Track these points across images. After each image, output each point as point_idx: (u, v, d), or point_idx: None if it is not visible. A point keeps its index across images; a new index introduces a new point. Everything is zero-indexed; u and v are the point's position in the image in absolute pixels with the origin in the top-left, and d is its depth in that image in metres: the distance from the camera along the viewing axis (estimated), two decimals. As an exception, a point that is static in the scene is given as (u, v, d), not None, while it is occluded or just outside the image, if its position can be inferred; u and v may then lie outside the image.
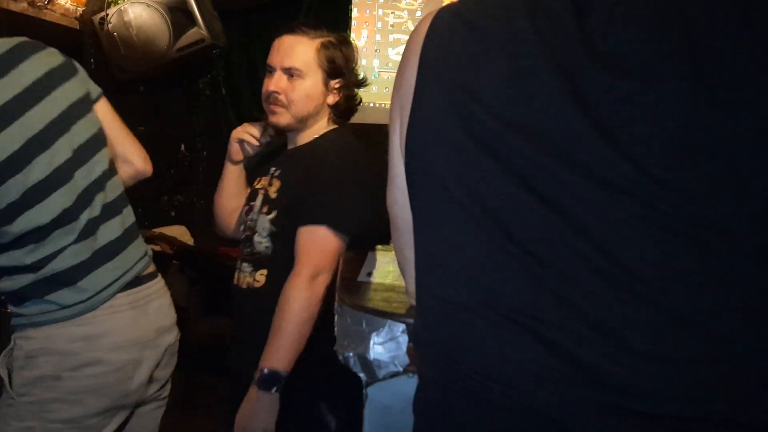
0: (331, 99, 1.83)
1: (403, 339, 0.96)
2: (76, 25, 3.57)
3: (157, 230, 3.67)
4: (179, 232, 3.94)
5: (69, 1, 3.48)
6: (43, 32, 3.34)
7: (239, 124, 6.01)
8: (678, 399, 0.66)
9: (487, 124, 0.72)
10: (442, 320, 0.77)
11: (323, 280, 1.61)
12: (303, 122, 1.83)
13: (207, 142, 5.04)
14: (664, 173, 0.65)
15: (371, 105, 5.79)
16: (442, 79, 0.77)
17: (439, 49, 0.79)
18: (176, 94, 4.78)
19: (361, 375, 0.98)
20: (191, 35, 3.57)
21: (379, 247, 1.65)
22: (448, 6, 0.82)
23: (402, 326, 0.97)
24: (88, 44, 3.63)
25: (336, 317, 1.04)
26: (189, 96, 4.93)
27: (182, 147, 4.90)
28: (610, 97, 0.67)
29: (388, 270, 1.38)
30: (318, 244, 1.63)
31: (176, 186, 4.82)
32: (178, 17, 3.52)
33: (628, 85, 0.67)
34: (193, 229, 4.36)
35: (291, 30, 1.82)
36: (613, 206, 0.67)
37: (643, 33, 0.68)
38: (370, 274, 1.35)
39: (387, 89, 6.08)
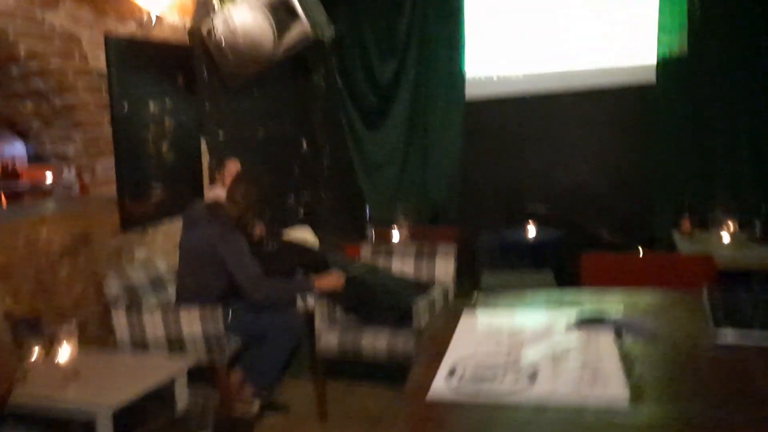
0: None
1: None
2: (185, 39, 3.60)
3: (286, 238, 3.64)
4: (304, 235, 3.92)
5: (175, 16, 3.52)
6: (153, 51, 3.39)
7: (357, 112, 5.85)
8: None
9: None
10: None
11: None
12: None
13: (327, 135, 4.99)
14: None
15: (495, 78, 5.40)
16: None
17: None
18: (291, 92, 4.76)
19: None
20: (295, 32, 3.49)
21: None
22: None
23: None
24: (199, 56, 3.65)
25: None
26: (304, 91, 4.90)
27: (303, 144, 4.89)
28: None
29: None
30: None
31: (302, 183, 4.82)
32: (281, 15, 3.45)
33: None
34: (317, 225, 4.35)
35: None
36: None
37: None
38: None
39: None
